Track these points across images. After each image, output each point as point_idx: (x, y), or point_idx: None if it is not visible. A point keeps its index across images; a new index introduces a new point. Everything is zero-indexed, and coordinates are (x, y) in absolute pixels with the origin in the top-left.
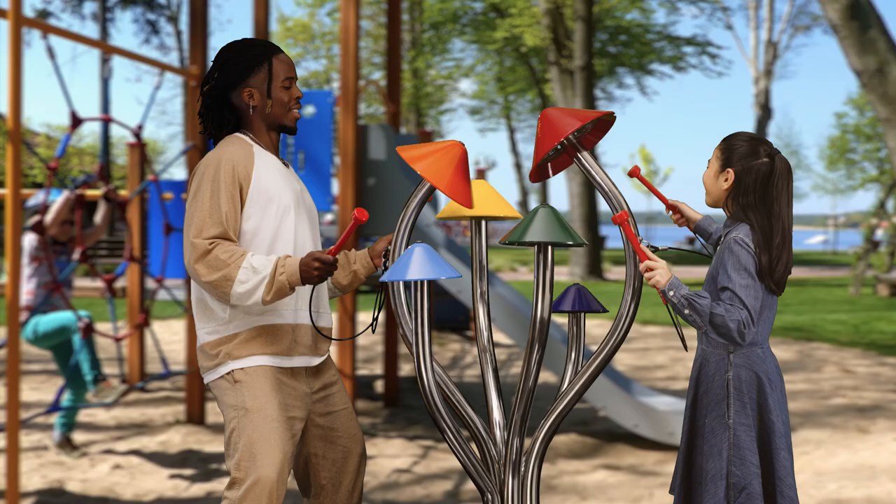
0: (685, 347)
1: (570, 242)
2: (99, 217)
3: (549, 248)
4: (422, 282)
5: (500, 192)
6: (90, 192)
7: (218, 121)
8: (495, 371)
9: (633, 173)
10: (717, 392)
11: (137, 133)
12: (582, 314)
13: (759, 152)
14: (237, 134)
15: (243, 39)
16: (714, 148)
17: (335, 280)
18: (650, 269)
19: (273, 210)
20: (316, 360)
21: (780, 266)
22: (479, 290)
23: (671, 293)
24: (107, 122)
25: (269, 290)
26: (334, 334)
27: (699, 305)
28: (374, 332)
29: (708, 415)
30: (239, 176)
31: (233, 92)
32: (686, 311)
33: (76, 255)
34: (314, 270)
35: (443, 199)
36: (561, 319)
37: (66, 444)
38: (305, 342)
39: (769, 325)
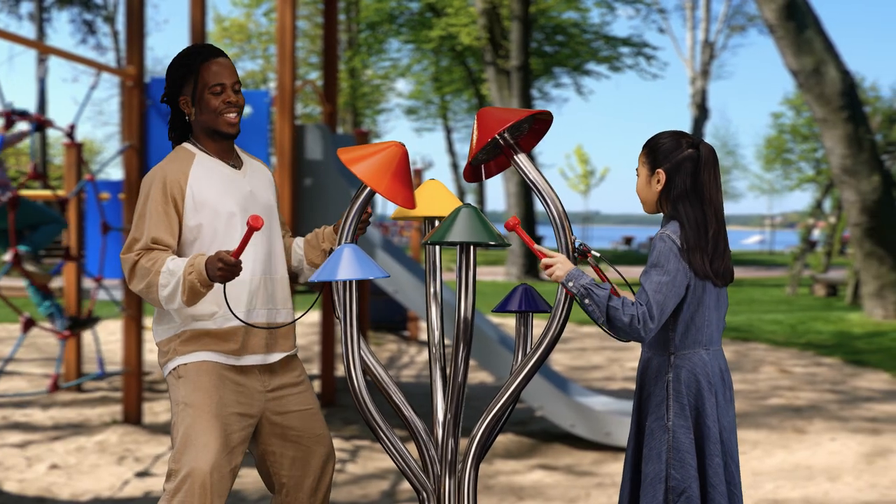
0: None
1: (493, 243)
2: None
3: (472, 248)
4: (351, 282)
5: (452, 193)
6: (25, 193)
7: (171, 126)
8: (443, 371)
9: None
10: (658, 394)
11: (70, 133)
12: (529, 314)
13: (683, 145)
14: (184, 144)
15: (181, 51)
16: (638, 157)
17: (310, 261)
18: (548, 266)
19: (213, 218)
20: (273, 358)
21: (719, 255)
22: (432, 290)
23: (570, 284)
24: (38, 122)
25: (184, 291)
26: None
27: (597, 296)
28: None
29: (648, 417)
30: (171, 191)
31: (176, 103)
32: (585, 301)
33: (7, 257)
34: (217, 271)
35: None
36: (499, 320)
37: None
38: (259, 341)
39: (718, 325)
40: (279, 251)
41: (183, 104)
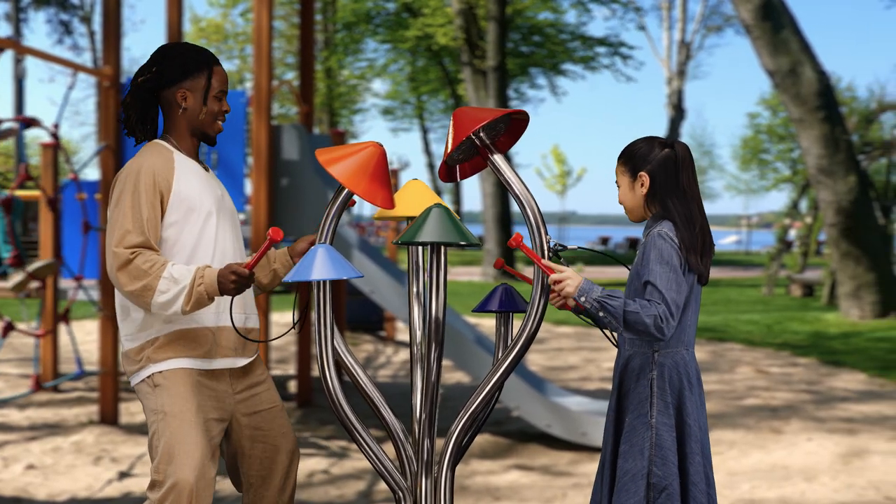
0: (616, 345)
1: (463, 242)
2: None
3: (442, 248)
4: (325, 282)
5: (434, 193)
6: (20, 193)
7: (141, 115)
8: (423, 370)
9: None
10: (641, 391)
11: (54, 132)
12: (510, 314)
13: (658, 146)
14: (157, 140)
15: (187, 42)
16: (616, 168)
17: (256, 279)
18: (559, 282)
19: (194, 218)
20: (241, 362)
21: (707, 251)
22: (414, 290)
23: (583, 299)
24: (25, 122)
25: (189, 300)
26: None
27: (611, 307)
28: (298, 332)
29: (629, 414)
30: (159, 185)
31: (166, 90)
32: (601, 314)
33: (8, 259)
34: (230, 283)
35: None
36: (475, 320)
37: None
38: (229, 344)
39: (694, 326)
40: (244, 257)
41: (180, 96)
